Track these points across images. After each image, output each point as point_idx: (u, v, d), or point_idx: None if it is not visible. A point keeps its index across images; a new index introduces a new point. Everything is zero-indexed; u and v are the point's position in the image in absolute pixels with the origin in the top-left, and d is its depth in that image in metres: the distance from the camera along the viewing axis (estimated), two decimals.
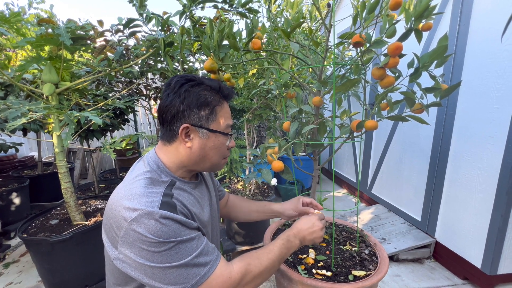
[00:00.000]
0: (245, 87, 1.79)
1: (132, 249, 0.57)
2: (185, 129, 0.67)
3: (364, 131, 0.93)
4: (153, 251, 0.56)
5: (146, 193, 0.61)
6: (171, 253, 0.57)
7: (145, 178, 0.65)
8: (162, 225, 0.56)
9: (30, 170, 3.25)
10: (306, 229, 0.80)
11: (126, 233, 0.57)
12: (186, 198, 0.70)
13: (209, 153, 0.71)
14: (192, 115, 0.67)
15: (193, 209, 0.69)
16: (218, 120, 0.71)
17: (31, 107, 1.28)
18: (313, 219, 0.82)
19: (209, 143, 0.70)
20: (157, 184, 0.66)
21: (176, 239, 0.58)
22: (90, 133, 2.32)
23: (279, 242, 0.76)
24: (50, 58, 1.45)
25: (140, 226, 0.56)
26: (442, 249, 2.03)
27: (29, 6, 2.21)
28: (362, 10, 0.77)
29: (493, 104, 1.62)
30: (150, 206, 0.58)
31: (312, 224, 0.80)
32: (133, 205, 0.58)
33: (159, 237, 0.56)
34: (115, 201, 0.62)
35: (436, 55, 0.78)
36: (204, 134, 0.69)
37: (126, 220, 0.57)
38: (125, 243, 0.58)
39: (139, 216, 0.56)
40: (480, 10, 1.69)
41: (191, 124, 0.67)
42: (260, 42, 0.81)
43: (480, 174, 1.71)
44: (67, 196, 1.64)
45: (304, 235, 0.79)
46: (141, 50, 1.81)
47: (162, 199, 0.61)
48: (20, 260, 2.19)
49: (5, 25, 1.23)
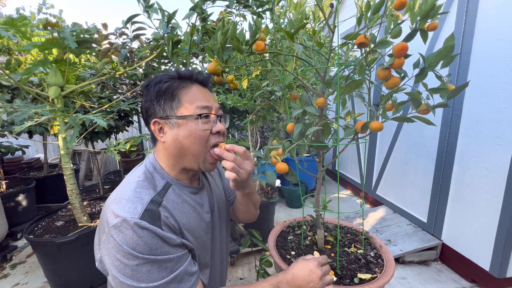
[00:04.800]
0: (249, 88, 1.79)
1: (109, 256, 0.56)
2: (155, 125, 0.66)
3: (368, 133, 0.92)
4: (125, 264, 0.54)
5: (133, 198, 0.59)
6: (142, 270, 0.54)
7: (139, 180, 0.64)
8: (138, 237, 0.54)
9: (36, 172, 3.30)
10: (302, 276, 0.64)
11: (106, 238, 0.57)
12: (178, 207, 0.66)
13: (185, 142, 0.64)
14: (156, 109, 0.65)
15: (183, 219, 0.65)
16: (184, 105, 0.64)
17: (37, 110, 1.29)
18: (311, 265, 0.66)
19: (180, 131, 0.64)
20: (149, 187, 0.63)
21: (150, 256, 0.55)
22: (95, 135, 2.33)
23: (267, 287, 0.66)
24: (56, 61, 1.47)
25: (118, 234, 0.54)
26: (449, 251, 2.00)
27: (38, 11, 2.24)
28: (366, 11, 0.77)
29: (500, 103, 1.59)
30: (132, 213, 0.56)
31: (309, 272, 0.64)
32: (117, 211, 0.57)
33: (133, 249, 0.54)
34: (107, 203, 0.62)
35: (442, 55, 0.77)
36: (173, 123, 0.64)
37: (108, 225, 0.56)
38: (104, 248, 0.57)
39: (119, 224, 0.55)
40: (486, 8, 1.67)
41: (159, 118, 0.65)
42: (264, 44, 0.81)
43: (487, 175, 1.69)
44: (73, 197, 1.65)
45: (300, 284, 0.64)
46: (145, 53, 1.83)
47: (147, 206, 0.58)
48: (27, 261, 2.21)
49: (11, 29, 1.25)
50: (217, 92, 1.98)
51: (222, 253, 0.87)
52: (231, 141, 2.35)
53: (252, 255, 2.21)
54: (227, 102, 1.86)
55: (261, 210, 2.16)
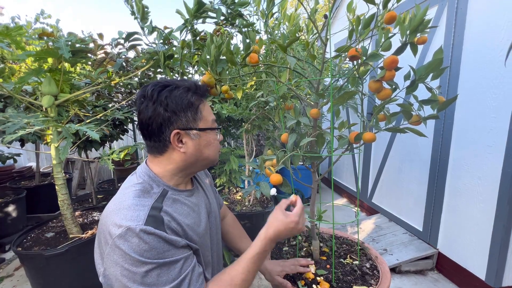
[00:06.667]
0: (244, 98, 1.80)
1: (116, 267, 0.56)
2: (176, 135, 0.66)
3: (362, 143, 0.92)
4: (134, 272, 0.55)
5: (134, 206, 0.60)
6: (152, 275, 0.55)
7: (135, 190, 0.64)
8: (145, 244, 0.55)
9: (27, 181, 3.23)
10: (283, 230, 0.71)
11: (111, 249, 0.56)
12: (178, 209, 0.68)
13: (205, 151, 0.71)
14: (179, 120, 0.66)
15: (185, 220, 0.67)
16: (204, 118, 0.71)
17: (29, 120, 1.27)
18: (287, 219, 0.72)
19: (201, 142, 0.70)
20: (147, 195, 0.64)
21: (159, 260, 0.56)
22: (89, 144, 2.31)
23: (255, 253, 0.69)
24: (50, 71, 1.46)
25: (123, 244, 0.55)
26: (445, 260, 2.00)
27: (35, 20, 2.25)
28: (357, 25, 0.79)
29: (490, 113, 1.63)
30: (136, 221, 0.56)
31: (288, 223, 0.72)
32: (119, 221, 0.57)
33: (141, 256, 0.55)
34: (105, 215, 0.62)
35: (432, 68, 0.78)
36: (195, 135, 0.69)
37: (112, 236, 0.56)
38: (109, 260, 0.57)
39: (123, 233, 0.55)
40: (474, 20, 1.72)
41: (181, 129, 0.66)
42: (257, 56, 0.82)
43: (480, 184, 1.70)
44: (64, 208, 1.62)
45: (284, 236, 0.72)
46: (141, 62, 1.83)
47: (149, 212, 0.59)
48: (15, 274, 2.14)
49: (5, 39, 1.25)
50: (213, 101, 1.98)
51: (219, 252, 0.90)
52: (227, 149, 2.34)
53: None
54: (222, 112, 1.86)
55: (256, 219, 2.14)
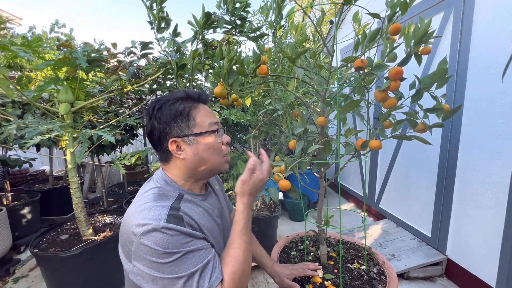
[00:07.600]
0: (251, 104, 1.84)
1: (143, 262, 0.61)
2: (173, 144, 0.71)
3: (368, 151, 0.94)
4: (162, 263, 0.59)
5: (154, 207, 0.64)
6: (179, 263, 0.60)
7: (154, 193, 0.69)
8: (169, 237, 0.60)
9: (41, 184, 3.33)
10: (249, 189, 0.75)
11: (137, 247, 0.61)
12: (194, 211, 0.72)
13: (205, 155, 0.73)
14: (173, 129, 0.71)
15: (201, 221, 0.71)
16: (199, 123, 0.72)
17: (48, 126, 1.34)
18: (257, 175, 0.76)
19: (200, 146, 0.72)
20: (165, 198, 0.69)
21: (184, 249, 0.61)
22: (101, 149, 2.39)
23: (243, 226, 0.72)
24: (66, 79, 1.53)
25: (148, 240, 0.59)
26: (454, 267, 1.98)
27: (50, 30, 2.36)
28: (363, 39, 0.82)
29: (498, 119, 1.62)
30: (157, 219, 0.61)
31: (252, 178, 0.76)
32: (141, 220, 0.61)
33: (167, 248, 0.59)
34: (127, 217, 0.67)
35: (437, 77, 0.81)
36: (192, 140, 0.72)
37: (136, 235, 0.60)
38: (137, 256, 0.62)
39: (147, 230, 0.59)
40: (480, 26, 1.72)
41: (176, 137, 0.71)
42: (267, 67, 0.86)
43: (489, 189, 1.69)
44: (78, 211, 1.68)
45: (252, 192, 0.76)
46: (152, 70, 1.90)
47: (169, 212, 0.64)
48: (29, 275, 2.21)
49: (28, 50, 1.32)
50: (221, 107, 2.03)
51: None
52: (234, 154, 2.38)
53: (256, 270, 2.18)
54: (230, 118, 1.90)
55: (264, 224, 2.17)
